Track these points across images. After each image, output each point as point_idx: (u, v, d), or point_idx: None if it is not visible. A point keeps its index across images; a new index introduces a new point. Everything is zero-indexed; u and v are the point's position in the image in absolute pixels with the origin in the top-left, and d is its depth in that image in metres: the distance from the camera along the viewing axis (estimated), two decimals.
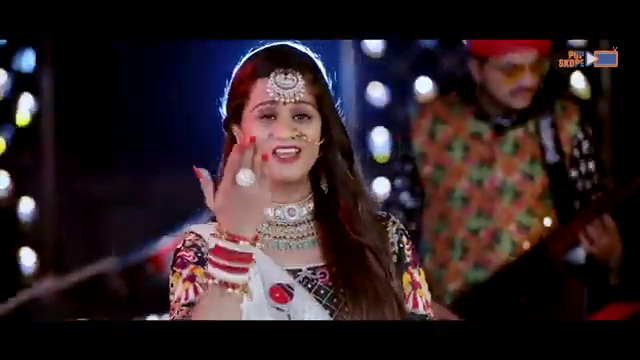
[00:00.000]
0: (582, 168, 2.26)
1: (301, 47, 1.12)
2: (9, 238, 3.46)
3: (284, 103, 1.06)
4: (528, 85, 2.19)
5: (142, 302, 3.22)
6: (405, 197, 2.29)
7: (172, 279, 1.07)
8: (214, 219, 1.06)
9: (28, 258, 3.40)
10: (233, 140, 1.10)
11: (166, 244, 3.12)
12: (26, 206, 3.46)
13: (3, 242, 3.42)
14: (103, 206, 3.87)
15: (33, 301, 3.21)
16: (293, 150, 1.06)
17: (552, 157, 2.22)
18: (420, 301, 1.09)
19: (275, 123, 1.06)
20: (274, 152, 1.05)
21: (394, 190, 2.37)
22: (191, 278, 1.05)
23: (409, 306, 1.08)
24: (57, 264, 3.43)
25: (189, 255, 1.08)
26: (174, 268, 1.07)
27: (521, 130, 2.23)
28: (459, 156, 2.25)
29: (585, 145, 2.27)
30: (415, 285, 1.09)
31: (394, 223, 1.13)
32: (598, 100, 3.25)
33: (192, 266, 1.06)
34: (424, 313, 1.08)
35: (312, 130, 1.07)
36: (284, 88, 1.06)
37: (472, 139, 2.25)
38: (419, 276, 1.11)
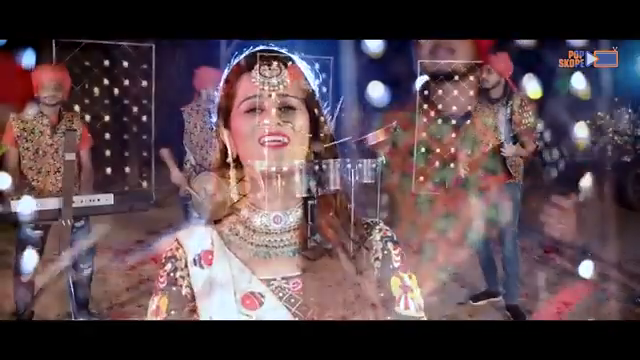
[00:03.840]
0: (546, 157, 2.34)
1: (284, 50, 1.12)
2: (9, 238, 3.46)
3: (269, 95, 1.05)
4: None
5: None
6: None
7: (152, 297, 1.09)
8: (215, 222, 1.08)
9: (28, 258, 3.40)
10: (223, 149, 1.10)
11: (166, 244, 3.12)
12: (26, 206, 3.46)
13: (3, 242, 3.42)
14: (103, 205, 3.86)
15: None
16: (281, 138, 1.03)
17: (504, 135, 2.29)
18: (412, 303, 1.09)
19: (262, 114, 1.05)
20: (262, 143, 1.03)
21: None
22: (157, 311, 1.06)
23: (401, 308, 1.08)
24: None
25: (162, 276, 1.08)
26: (154, 287, 1.08)
27: (480, 123, 2.27)
28: (421, 160, 2.32)
29: (546, 134, 2.35)
30: (406, 289, 1.09)
31: (380, 230, 1.12)
32: (597, 99, 3.26)
33: (159, 295, 1.07)
34: (416, 315, 1.08)
35: (298, 120, 1.06)
36: (269, 77, 1.06)
37: (433, 141, 2.31)
38: (409, 280, 1.11)
